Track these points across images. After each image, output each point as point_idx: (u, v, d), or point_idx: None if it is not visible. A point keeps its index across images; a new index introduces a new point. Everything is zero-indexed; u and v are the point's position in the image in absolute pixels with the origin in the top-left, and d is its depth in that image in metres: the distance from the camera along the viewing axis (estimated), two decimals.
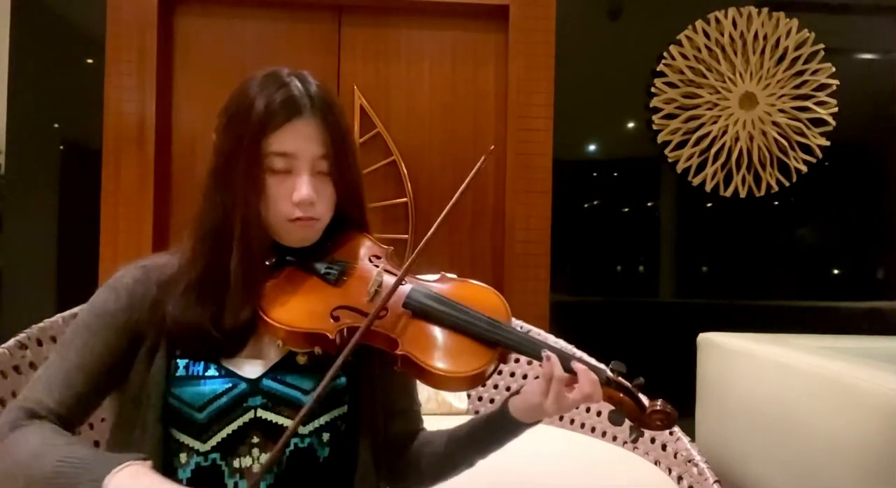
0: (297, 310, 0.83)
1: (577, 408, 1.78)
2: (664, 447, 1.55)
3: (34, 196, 2.37)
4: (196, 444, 0.83)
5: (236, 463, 0.83)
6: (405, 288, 0.87)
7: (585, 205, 2.55)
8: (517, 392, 0.89)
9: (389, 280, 0.86)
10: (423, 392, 1.91)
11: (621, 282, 2.56)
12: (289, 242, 0.88)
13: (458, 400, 1.99)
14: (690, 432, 1.68)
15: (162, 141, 2.41)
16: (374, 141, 2.49)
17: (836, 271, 2.60)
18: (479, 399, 2.03)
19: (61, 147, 2.39)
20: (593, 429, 1.78)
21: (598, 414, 1.77)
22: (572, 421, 1.83)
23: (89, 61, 2.37)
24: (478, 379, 0.83)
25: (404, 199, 2.49)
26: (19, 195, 2.36)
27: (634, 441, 0.87)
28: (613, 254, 2.56)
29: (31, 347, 1.23)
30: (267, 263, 0.88)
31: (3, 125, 2.34)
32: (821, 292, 2.58)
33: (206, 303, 0.84)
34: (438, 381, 0.82)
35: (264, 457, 0.83)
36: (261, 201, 0.84)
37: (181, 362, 0.84)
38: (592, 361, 0.87)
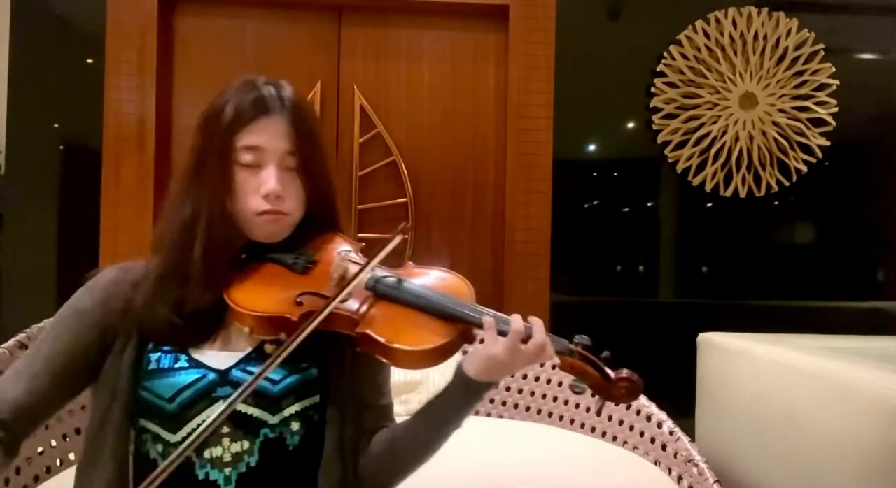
0: (263, 296, 0.86)
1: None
2: (664, 447, 1.55)
3: (34, 196, 2.37)
4: (167, 435, 0.85)
5: (207, 454, 0.84)
6: (369, 273, 0.89)
7: (585, 205, 2.55)
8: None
9: (354, 268, 0.89)
10: (421, 392, 1.91)
11: (621, 282, 2.56)
12: (259, 237, 0.90)
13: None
14: (690, 432, 1.69)
15: (162, 141, 2.41)
16: (374, 141, 2.49)
17: (836, 271, 2.60)
18: None
19: (61, 147, 2.39)
20: (593, 429, 1.78)
21: (598, 414, 1.77)
22: (572, 422, 1.83)
23: (89, 61, 2.37)
24: (438, 355, 0.84)
25: (404, 199, 2.49)
26: (19, 195, 2.36)
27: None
28: (613, 254, 2.56)
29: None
30: (243, 257, 0.92)
31: (3, 125, 2.34)
32: (821, 292, 2.58)
33: (170, 292, 0.87)
34: (399, 357, 0.84)
35: (235, 447, 0.85)
36: (229, 194, 0.88)
37: (153, 356, 0.87)
38: (551, 335, 0.87)
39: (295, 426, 0.89)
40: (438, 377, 1.86)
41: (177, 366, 0.86)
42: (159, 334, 0.87)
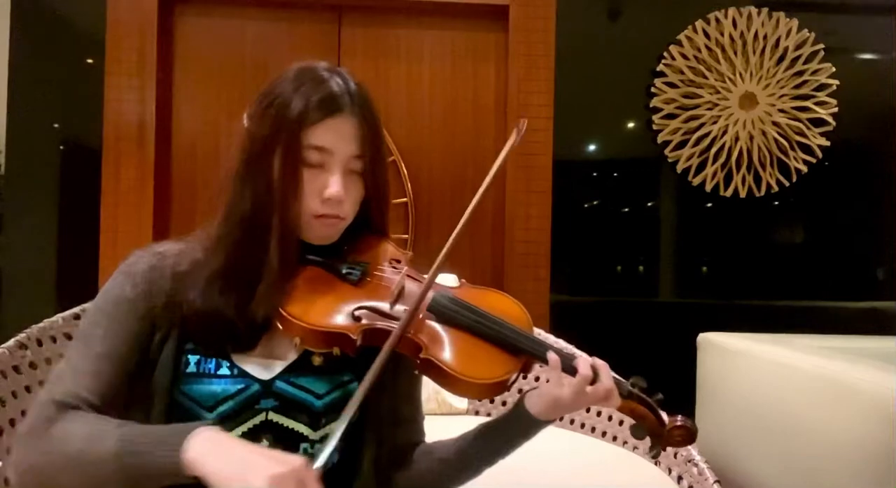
0: (319, 308, 0.81)
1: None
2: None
3: (34, 196, 2.37)
4: None
5: None
6: (429, 293, 0.85)
7: (585, 205, 2.55)
8: (532, 389, 0.88)
9: (410, 284, 0.86)
10: (423, 391, 1.91)
11: (621, 282, 2.56)
12: (310, 239, 0.86)
13: (458, 399, 1.99)
14: None
15: (162, 141, 2.40)
16: None
17: (836, 271, 2.60)
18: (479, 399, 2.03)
19: (61, 147, 2.39)
20: (593, 429, 1.78)
21: (598, 414, 1.77)
22: (572, 422, 1.83)
23: (89, 61, 2.37)
24: (500, 387, 0.82)
25: (404, 199, 2.49)
26: (19, 195, 2.35)
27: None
28: (613, 254, 2.56)
29: (31, 347, 1.23)
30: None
31: (3, 125, 2.33)
32: (821, 292, 2.58)
33: (231, 294, 0.81)
34: (461, 387, 0.80)
35: None
36: (297, 194, 0.83)
37: (192, 358, 0.82)
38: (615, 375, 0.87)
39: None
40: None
41: (219, 372, 0.82)
42: (205, 335, 0.82)
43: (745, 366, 1.74)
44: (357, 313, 0.81)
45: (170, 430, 0.70)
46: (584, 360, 0.83)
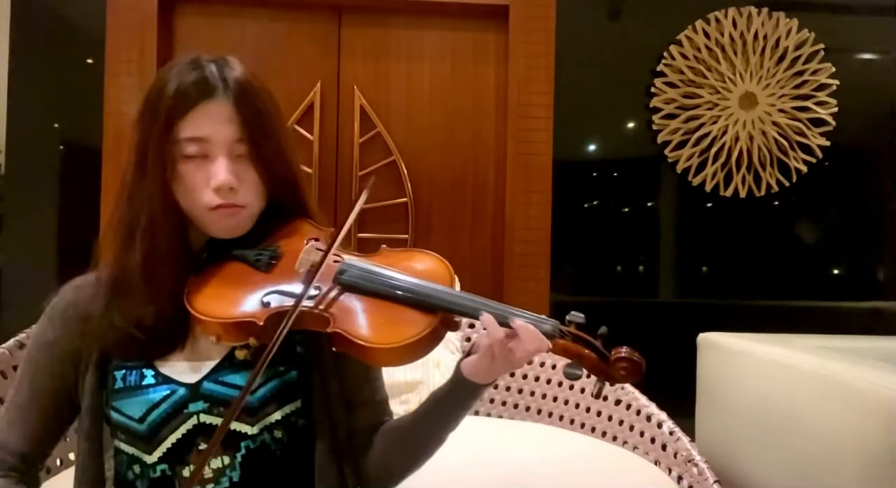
0: (227, 300, 0.79)
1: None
2: (664, 447, 1.55)
3: (34, 196, 2.37)
4: (143, 456, 0.81)
5: (186, 472, 0.80)
6: (337, 265, 0.82)
7: (585, 205, 2.55)
8: (468, 354, 0.82)
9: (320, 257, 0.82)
10: (422, 392, 1.91)
11: (621, 282, 2.56)
12: (217, 233, 0.84)
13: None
14: (690, 432, 1.68)
15: None
16: (373, 141, 2.49)
17: (836, 271, 2.60)
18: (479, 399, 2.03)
19: (61, 147, 2.39)
20: (593, 429, 1.78)
21: (599, 414, 1.77)
22: (572, 422, 1.83)
23: (89, 61, 2.37)
24: (417, 348, 0.77)
25: (404, 199, 2.49)
26: (19, 195, 2.35)
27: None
28: (613, 254, 2.56)
29: None
30: (203, 257, 0.86)
31: (3, 125, 2.33)
32: (821, 292, 2.58)
33: (123, 304, 0.81)
34: (376, 356, 0.77)
35: (215, 463, 0.80)
36: (176, 191, 0.80)
37: (118, 373, 0.82)
38: (539, 316, 0.79)
39: (278, 434, 0.84)
40: (439, 376, 1.86)
41: (143, 382, 0.81)
42: (121, 349, 0.82)
43: (745, 366, 1.74)
44: (265, 299, 0.79)
45: None
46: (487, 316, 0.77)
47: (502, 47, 2.54)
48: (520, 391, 1.97)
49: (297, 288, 0.79)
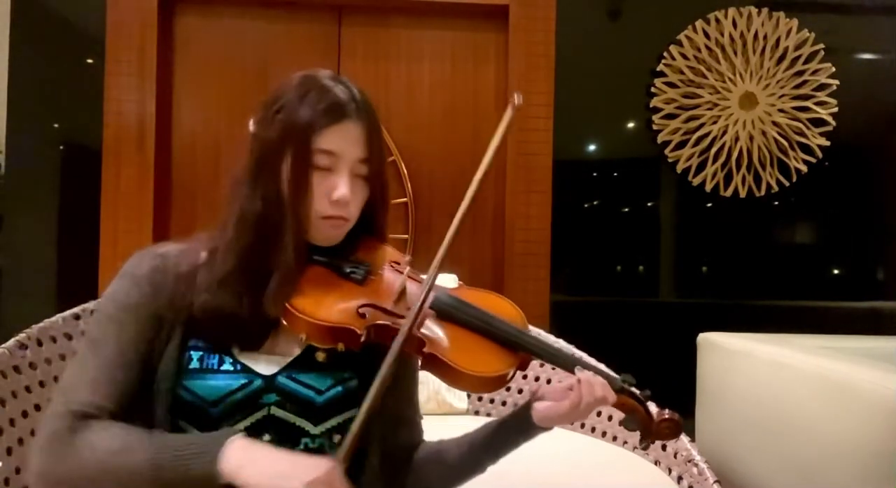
0: (325, 304, 0.83)
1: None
2: (664, 447, 1.55)
3: (34, 196, 2.37)
4: None
5: None
6: (434, 292, 0.88)
7: (585, 205, 2.55)
8: (540, 397, 0.90)
9: (411, 285, 0.88)
10: (422, 392, 1.91)
11: (621, 282, 2.56)
12: (316, 240, 0.88)
13: (458, 399, 1.99)
14: (690, 432, 1.69)
15: (162, 141, 2.41)
16: None
17: (836, 271, 2.60)
18: (479, 399, 2.03)
19: (61, 147, 2.39)
20: (593, 429, 1.78)
21: (598, 414, 1.77)
22: (571, 422, 1.83)
23: (89, 61, 2.37)
24: (500, 382, 0.85)
25: (404, 199, 2.49)
26: (19, 195, 2.35)
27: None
28: (613, 254, 2.56)
29: (31, 347, 1.23)
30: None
31: (3, 125, 2.34)
32: (821, 292, 2.58)
33: (244, 293, 0.83)
34: (463, 381, 0.83)
35: None
36: (307, 195, 0.85)
37: (195, 354, 0.84)
38: (603, 368, 0.91)
39: (336, 438, 0.88)
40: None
41: (222, 368, 0.83)
42: (215, 333, 0.84)
43: (745, 366, 1.74)
44: (362, 310, 0.84)
45: (202, 441, 0.73)
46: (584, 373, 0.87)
47: (502, 47, 2.54)
48: (520, 391, 1.97)
49: (389, 305, 0.85)
